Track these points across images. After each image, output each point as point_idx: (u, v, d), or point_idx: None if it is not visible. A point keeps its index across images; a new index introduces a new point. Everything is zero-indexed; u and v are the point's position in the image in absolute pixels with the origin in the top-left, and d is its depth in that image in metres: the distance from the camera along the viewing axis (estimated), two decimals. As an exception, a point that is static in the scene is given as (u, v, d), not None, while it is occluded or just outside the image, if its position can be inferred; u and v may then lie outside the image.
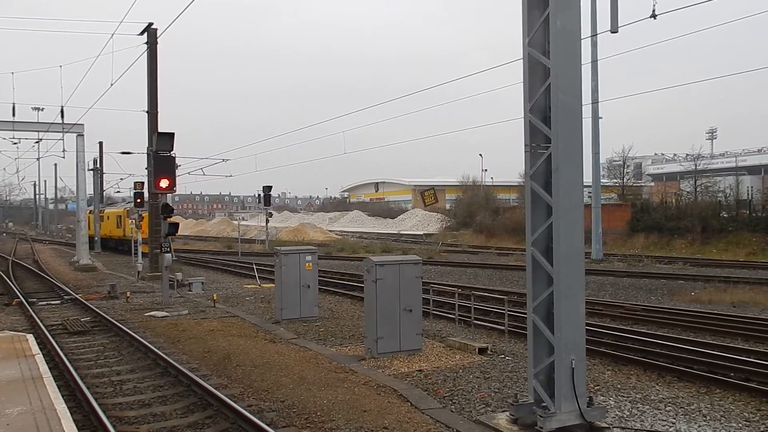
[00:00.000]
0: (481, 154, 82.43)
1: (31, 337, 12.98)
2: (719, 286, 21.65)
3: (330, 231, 75.65)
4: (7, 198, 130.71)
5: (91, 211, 49.91)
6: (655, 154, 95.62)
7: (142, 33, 29.07)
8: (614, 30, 21.61)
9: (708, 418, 8.52)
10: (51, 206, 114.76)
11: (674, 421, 8.38)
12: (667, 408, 8.94)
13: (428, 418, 8.51)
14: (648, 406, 9.00)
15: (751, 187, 52.05)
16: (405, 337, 12.29)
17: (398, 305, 12.21)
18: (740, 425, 8.21)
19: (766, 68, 39.99)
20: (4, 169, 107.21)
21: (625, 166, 57.52)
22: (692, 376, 10.51)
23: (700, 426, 8.17)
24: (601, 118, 34.94)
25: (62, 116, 32.83)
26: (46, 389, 8.92)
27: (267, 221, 49.53)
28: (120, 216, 46.64)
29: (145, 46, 29.05)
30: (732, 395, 9.57)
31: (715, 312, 16.76)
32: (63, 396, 8.80)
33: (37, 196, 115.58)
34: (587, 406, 7.85)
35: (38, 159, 52.44)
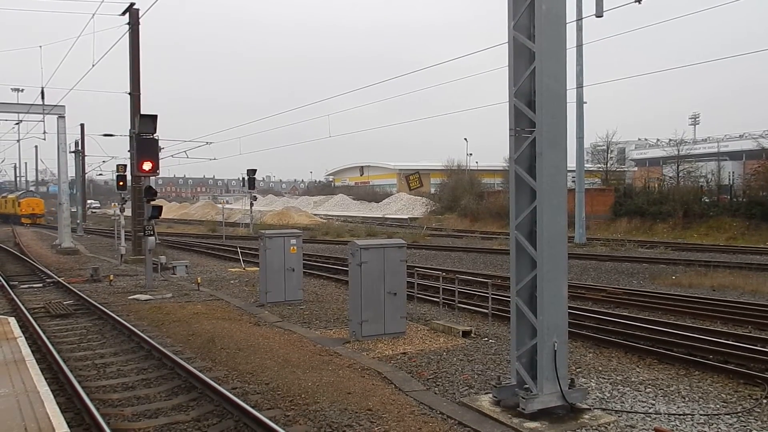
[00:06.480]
0: (466, 138, 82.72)
1: (12, 320, 12.87)
2: (700, 270, 21.89)
3: (315, 215, 75.46)
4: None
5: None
6: (639, 139, 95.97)
7: (123, 13, 28.59)
8: (599, 14, 21.68)
9: (687, 399, 8.66)
10: (32, 189, 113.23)
11: (654, 402, 8.52)
12: (647, 390, 9.08)
13: (412, 400, 8.58)
14: (628, 388, 9.14)
15: (732, 172, 52.41)
16: (389, 320, 12.36)
17: (383, 289, 12.26)
18: (718, 406, 8.36)
19: (745, 54, 40.20)
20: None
21: (609, 151, 57.71)
22: (672, 358, 10.66)
23: (678, 407, 8.31)
24: (585, 102, 35.11)
25: (42, 97, 32.43)
26: (28, 372, 8.86)
27: (251, 205, 49.41)
28: (13, 200, 70.49)
29: (127, 26, 28.62)
30: (710, 377, 9.72)
31: (696, 295, 16.98)
32: (46, 379, 8.74)
33: (18, 179, 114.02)
34: (569, 388, 7.96)
35: (18, 141, 51.98)
